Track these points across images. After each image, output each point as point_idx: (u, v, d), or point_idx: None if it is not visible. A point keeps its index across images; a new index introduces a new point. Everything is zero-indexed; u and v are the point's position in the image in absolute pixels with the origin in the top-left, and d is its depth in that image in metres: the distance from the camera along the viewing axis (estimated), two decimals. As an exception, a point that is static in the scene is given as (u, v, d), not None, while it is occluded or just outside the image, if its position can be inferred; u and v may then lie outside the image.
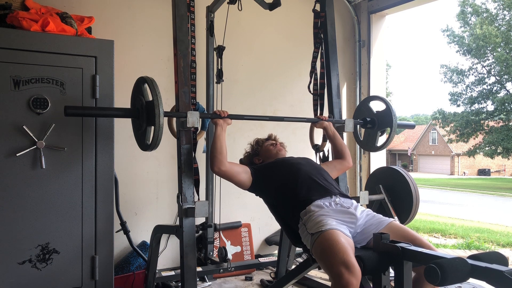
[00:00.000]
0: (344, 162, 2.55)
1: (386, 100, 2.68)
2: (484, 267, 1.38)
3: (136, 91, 2.09)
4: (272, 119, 2.57)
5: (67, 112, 1.92)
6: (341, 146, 2.57)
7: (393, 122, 2.61)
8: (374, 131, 2.73)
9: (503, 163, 27.73)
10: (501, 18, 19.86)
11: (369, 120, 2.72)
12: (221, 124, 2.25)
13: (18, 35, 2.21)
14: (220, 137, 2.22)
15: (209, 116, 2.30)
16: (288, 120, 2.56)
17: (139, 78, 2.08)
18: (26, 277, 2.22)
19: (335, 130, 2.58)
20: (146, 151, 2.07)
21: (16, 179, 2.20)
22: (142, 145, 2.09)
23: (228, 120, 2.28)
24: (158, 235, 2.58)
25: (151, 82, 1.99)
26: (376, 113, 2.71)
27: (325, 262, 1.77)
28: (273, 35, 3.88)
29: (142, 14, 3.27)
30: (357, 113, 2.85)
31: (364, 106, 2.80)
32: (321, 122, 2.57)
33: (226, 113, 2.27)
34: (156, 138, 1.94)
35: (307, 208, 2.07)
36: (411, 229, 1.98)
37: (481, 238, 6.11)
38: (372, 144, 2.78)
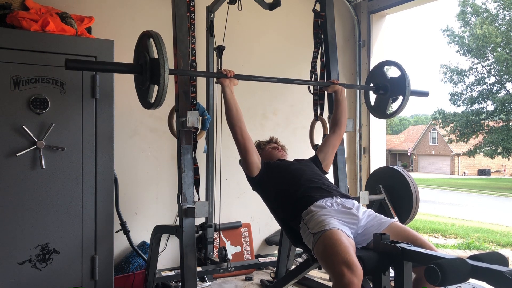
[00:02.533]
0: (338, 130, 2.53)
1: (401, 67, 2.57)
2: (484, 268, 1.37)
3: (140, 46, 1.98)
4: (281, 81, 2.53)
5: (68, 66, 1.85)
6: (342, 112, 2.55)
7: (407, 90, 2.52)
8: (386, 98, 2.66)
9: (503, 163, 27.72)
10: (501, 18, 19.86)
11: (382, 86, 2.64)
12: (228, 85, 2.19)
13: (18, 35, 2.21)
14: (231, 99, 2.17)
15: (215, 75, 2.20)
16: (298, 83, 2.53)
17: (144, 32, 1.97)
18: (26, 277, 2.22)
19: (344, 96, 2.59)
20: (148, 109, 2.00)
21: (16, 179, 2.20)
22: (144, 103, 2.02)
23: (234, 80, 2.21)
24: (158, 235, 2.58)
25: (157, 37, 1.88)
26: (389, 79, 2.63)
27: (327, 262, 1.77)
28: (273, 35, 3.88)
29: (142, 14, 3.27)
30: (370, 77, 2.78)
31: (378, 70, 2.72)
32: (332, 86, 2.57)
33: (232, 72, 2.20)
34: (160, 97, 1.88)
35: (309, 208, 2.07)
36: (412, 230, 1.98)
37: (481, 238, 6.11)
38: (383, 111, 2.71)
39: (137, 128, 3.23)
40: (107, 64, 2.16)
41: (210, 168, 3.28)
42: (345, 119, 2.58)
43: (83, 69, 2.23)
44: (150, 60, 1.91)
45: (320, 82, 2.66)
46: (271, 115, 3.88)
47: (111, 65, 2.14)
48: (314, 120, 2.83)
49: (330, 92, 2.63)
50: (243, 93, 3.70)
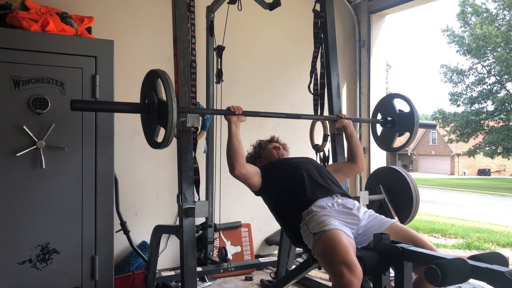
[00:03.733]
0: (354, 166, 2.46)
1: (411, 103, 2.54)
2: (485, 268, 1.37)
3: (148, 85, 1.97)
4: (289, 117, 2.52)
5: (73, 106, 1.81)
6: (356, 147, 2.47)
7: (415, 128, 2.50)
8: (392, 131, 2.65)
9: (503, 163, 27.72)
10: (501, 18, 19.85)
11: (390, 120, 2.63)
12: (235, 122, 2.16)
13: (18, 35, 2.21)
14: (236, 136, 2.14)
15: (222, 112, 2.20)
16: (305, 118, 2.50)
17: (151, 71, 1.95)
18: (26, 277, 2.22)
19: (353, 129, 2.53)
20: (156, 148, 1.97)
21: (16, 179, 2.20)
22: (151, 142, 2.01)
23: (242, 117, 2.19)
24: (158, 235, 2.58)
25: (166, 79, 1.84)
26: (398, 112, 2.61)
27: (327, 262, 1.77)
28: (273, 35, 3.88)
29: (142, 13, 3.27)
30: (379, 107, 2.75)
31: (387, 101, 2.70)
32: (340, 120, 2.51)
33: (240, 109, 2.17)
34: (167, 139, 1.86)
35: (310, 208, 2.07)
36: (413, 230, 1.98)
37: (481, 238, 6.10)
38: (388, 143, 2.69)
39: (137, 128, 3.20)
40: (114, 104, 2.18)
41: (210, 168, 3.28)
42: (361, 152, 2.48)
43: (89, 110, 2.22)
44: (158, 101, 1.90)
45: (327, 117, 2.60)
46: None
47: (118, 105, 2.14)
48: (314, 120, 2.82)
49: (338, 126, 2.55)
50: (243, 93, 3.73)
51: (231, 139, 2.14)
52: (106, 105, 2.15)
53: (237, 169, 2.12)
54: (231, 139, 2.14)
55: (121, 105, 2.09)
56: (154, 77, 1.92)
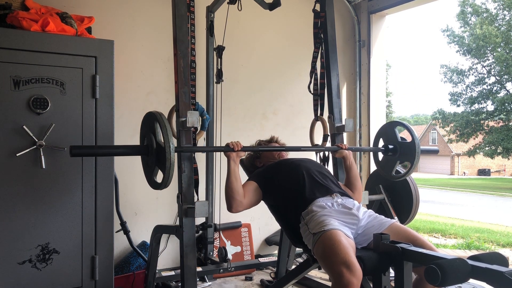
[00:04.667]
0: (351, 196, 2.36)
1: (414, 133, 2.50)
2: (484, 268, 1.37)
3: (147, 128, 2.00)
4: (288, 150, 2.53)
5: (73, 153, 1.82)
6: (355, 179, 2.43)
7: (415, 158, 2.48)
8: (394, 159, 2.63)
9: (503, 163, 27.71)
10: (501, 18, 19.85)
11: (391, 148, 2.61)
12: (233, 158, 2.16)
13: (18, 35, 2.21)
14: (234, 173, 2.13)
15: (221, 149, 2.20)
16: (305, 150, 2.50)
17: (150, 114, 1.96)
18: (26, 277, 2.22)
19: (353, 161, 2.48)
20: (156, 189, 1.98)
21: (16, 179, 2.20)
22: (151, 182, 2.02)
23: (241, 153, 2.18)
24: (158, 235, 2.58)
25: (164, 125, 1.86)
26: (400, 140, 2.60)
27: (326, 262, 1.77)
28: (273, 35, 3.88)
29: (142, 14, 3.27)
30: (380, 133, 2.73)
31: (389, 129, 2.67)
32: (340, 151, 2.46)
33: (239, 145, 2.15)
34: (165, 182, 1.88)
35: (309, 208, 2.08)
36: (412, 230, 1.98)
37: (481, 238, 6.10)
38: (389, 170, 2.66)
39: (137, 128, 3.20)
40: (113, 148, 2.20)
41: (210, 168, 3.28)
42: (360, 185, 2.44)
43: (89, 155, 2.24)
44: (156, 144, 1.92)
45: (327, 148, 2.57)
46: (271, 115, 3.87)
47: (117, 149, 2.18)
48: (314, 120, 2.82)
49: (337, 157, 2.52)
50: (243, 93, 3.73)
51: (229, 177, 2.13)
52: (106, 149, 2.18)
53: (234, 208, 2.13)
54: (229, 177, 2.13)
55: (120, 148, 2.14)
56: (152, 120, 1.94)
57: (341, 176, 2.58)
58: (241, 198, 2.13)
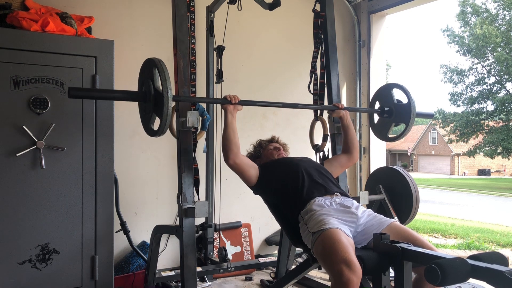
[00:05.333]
0: (350, 157, 2.50)
1: (409, 94, 2.53)
2: (484, 267, 1.38)
3: (145, 74, 2.00)
4: (286, 106, 2.51)
5: (71, 94, 1.85)
6: (353, 138, 2.51)
7: (410, 120, 2.51)
8: (389, 121, 2.65)
9: (503, 163, 27.71)
10: (501, 18, 19.85)
11: (387, 110, 2.63)
12: (231, 111, 2.17)
13: (18, 35, 2.21)
14: (231, 125, 2.15)
15: (219, 101, 2.21)
16: (302, 107, 2.50)
17: (149, 59, 1.97)
18: (26, 277, 2.22)
19: (350, 120, 2.53)
20: (152, 136, 2.00)
21: (16, 179, 2.20)
22: (147, 130, 2.03)
23: (238, 106, 2.19)
24: (158, 235, 2.58)
25: (162, 70, 1.87)
26: (396, 102, 2.61)
27: (326, 261, 1.77)
28: (273, 35, 3.88)
29: (142, 14, 3.27)
30: (377, 95, 2.74)
31: (385, 91, 2.69)
32: (337, 111, 2.50)
33: (237, 98, 2.17)
34: (162, 128, 1.89)
35: (308, 207, 2.08)
36: (412, 230, 1.98)
37: (481, 238, 6.10)
38: (384, 133, 2.71)
39: (137, 128, 3.21)
40: (111, 92, 2.20)
41: (210, 168, 3.28)
42: (357, 143, 2.52)
43: (86, 97, 2.24)
44: (154, 90, 1.92)
45: (324, 106, 2.62)
46: (271, 115, 3.88)
47: (115, 93, 2.17)
48: (314, 120, 2.83)
49: (334, 117, 2.57)
50: (243, 93, 3.71)
51: (226, 128, 2.15)
52: (104, 92, 2.18)
53: (230, 158, 2.13)
54: (226, 129, 2.15)
55: (118, 93, 2.12)
56: (151, 66, 1.93)
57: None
58: (238, 150, 2.14)
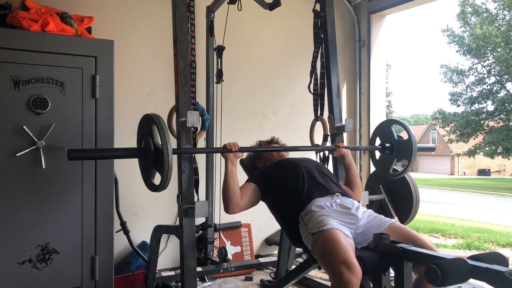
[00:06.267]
0: (351, 194, 2.37)
1: (410, 131, 2.53)
2: (485, 268, 1.37)
3: (144, 130, 1.99)
4: (286, 150, 2.53)
5: (70, 156, 1.82)
6: (354, 177, 2.43)
7: (412, 156, 2.48)
8: (391, 158, 2.63)
9: (503, 163, 27.70)
10: (501, 18, 19.84)
11: (388, 147, 2.61)
12: (231, 159, 2.14)
13: (18, 35, 2.21)
14: (231, 174, 2.12)
15: (219, 150, 2.19)
16: (303, 150, 2.50)
17: (147, 116, 1.96)
18: (26, 277, 2.22)
19: (352, 159, 2.48)
20: (154, 191, 1.98)
21: (16, 179, 2.20)
22: (148, 185, 2.01)
23: (238, 153, 2.16)
24: (158, 235, 2.58)
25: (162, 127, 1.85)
26: (397, 139, 2.59)
27: (326, 261, 1.77)
28: (273, 35, 3.88)
29: (142, 14, 3.27)
30: (377, 132, 2.73)
31: (385, 127, 2.67)
32: (338, 150, 2.46)
33: (237, 146, 2.14)
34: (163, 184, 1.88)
35: (308, 208, 2.08)
36: (413, 230, 1.98)
37: (481, 238, 6.10)
38: (386, 169, 2.66)
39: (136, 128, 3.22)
40: (111, 151, 2.20)
41: (210, 168, 3.28)
42: (359, 182, 2.45)
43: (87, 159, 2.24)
44: (154, 147, 1.91)
45: (325, 147, 2.58)
46: (271, 115, 3.88)
47: (115, 151, 2.17)
48: (314, 120, 2.82)
49: (336, 156, 2.52)
50: (243, 93, 3.73)
51: (226, 177, 2.12)
52: (104, 152, 2.17)
53: (230, 210, 2.12)
54: (226, 178, 2.12)
55: (117, 151, 2.12)
56: (150, 122, 1.93)
57: (341, 174, 2.58)
58: (237, 199, 2.12)
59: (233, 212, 2.13)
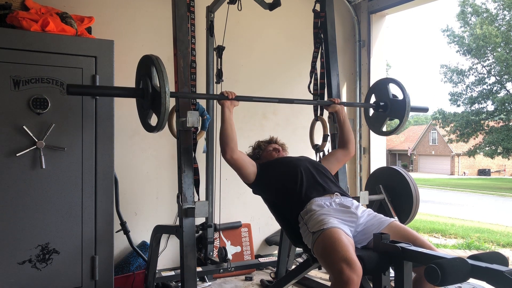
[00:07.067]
0: (347, 151, 2.54)
1: (405, 91, 2.54)
2: (484, 267, 1.37)
3: (143, 72, 1.99)
4: (282, 101, 2.52)
5: (69, 91, 1.86)
6: (348, 132, 2.54)
7: (405, 116, 2.53)
8: (383, 115, 2.66)
9: (503, 163, 27.70)
10: (501, 18, 19.84)
11: (382, 105, 2.64)
12: (228, 106, 2.18)
13: (18, 35, 2.21)
14: (229, 120, 2.16)
15: (216, 97, 2.23)
16: (298, 103, 2.51)
17: (145, 56, 1.97)
18: (26, 277, 2.22)
19: (346, 115, 2.56)
20: (150, 132, 2.00)
21: (16, 179, 2.20)
22: (145, 125, 2.04)
23: (235, 102, 2.21)
24: (158, 235, 2.58)
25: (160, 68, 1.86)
26: (391, 97, 2.61)
27: (326, 260, 1.77)
28: (273, 35, 3.88)
29: (142, 14, 3.27)
30: (373, 89, 2.76)
31: (381, 85, 2.69)
32: (333, 106, 2.54)
33: (233, 94, 2.20)
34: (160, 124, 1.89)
35: (308, 207, 2.08)
36: (412, 230, 1.98)
37: (481, 238, 6.10)
38: (379, 127, 2.73)
39: (137, 128, 3.21)
40: (109, 89, 2.21)
41: (210, 168, 3.29)
42: (353, 137, 2.57)
43: (85, 94, 2.26)
44: (152, 88, 1.92)
45: (320, 102, 2.66)
46: (271, 115, 3.88)
47: (113, 90, 2.18)
48: (314, 120, 2.83)
49: (330, 111, 2.60)
50: (243, 93, 3.70)
51: (224, 123, 2.16)
52: (102, 89, 2.21)
53: (228, 153, 2.14)
54: (223, 123, 2.16)
55: (116, 89, 2.14)
56: (149, 63, 1.93)
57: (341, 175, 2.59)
58: (235, 146, 2.15)
59: (231, 157, 2.15)
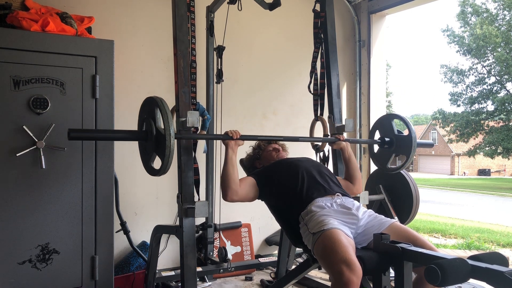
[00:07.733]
0: (352, 187, 2.41)
1: (411, 126, 2.52)
2: (485, 268, 1.37)
3: (146, 114, 1.97)
4: (287, 140, 2.53)
5: (71, 136, 1.79)
6: (354, 170, 2.44)
7: (411, 152, 2.47)
8: (389, 152, 2.61)
9: (503, 163, 27.70)
10: (501, 18, 19.84)
11: (387, 141, 2.59)
12: (232, 147, 2.14)
13: (18, 35, 2.21)
14: (231, 161, 2.12)
15: (220, 137, 2.19)
16: (303, 141, 2.49)
17: (149, 99, 1.93)
18: (26, 277, 2.22)
19: (351, 152, 2.48)
20: (153, 176, 1.97)
21: (16, 179, 2.20)
22: (148, 168, 2.01)
23: (239, 141, 2.16)
24: (158, 235, 2.58)
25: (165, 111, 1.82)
26: (396, 133, 2.57)
27: (326, 261, 1.77)
28: (273, 35, 3.88)
29: (142, 14, 3.27)
30: (377, 125, 2.71)
31: (386, 121, 2.65)
32: (338, 143, 2.46)
33: (238, 134, 2.15)
34: (164, 168, 1.87)
35: (308, 208, 2.08)
36: (413, 230, 1.98)
37: (481, 238, 6.10)
38: (384, 163, 2.65)
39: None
40: (112, 132, 2.19)
41: (210, 168, 3.28)
42: (359, 175, 2.46)
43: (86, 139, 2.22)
44: (156, 131, 1.90)
45: (325, 139, 2.59)
46: (271, 115, 3.88)
47: (116, 133, 2.15)
48: (314, 120, 2.82)
49: (335, 148, 2.53)
50: (243, 93, 3.73)
51: (226, 164, 2.12)
52: (104, 133, 2.17)
53: (229, 196, 2.12)
54: (226, 165, 2.12)
55: (119, 133, 2.10)
56: (153, 105, 1.91)
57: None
58: (236, 187, 2.13)
59: (232, 200, 2.13)
